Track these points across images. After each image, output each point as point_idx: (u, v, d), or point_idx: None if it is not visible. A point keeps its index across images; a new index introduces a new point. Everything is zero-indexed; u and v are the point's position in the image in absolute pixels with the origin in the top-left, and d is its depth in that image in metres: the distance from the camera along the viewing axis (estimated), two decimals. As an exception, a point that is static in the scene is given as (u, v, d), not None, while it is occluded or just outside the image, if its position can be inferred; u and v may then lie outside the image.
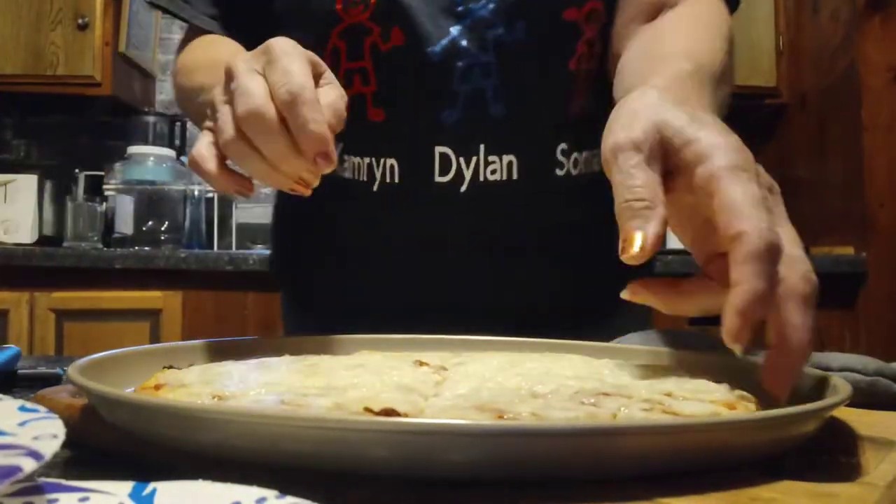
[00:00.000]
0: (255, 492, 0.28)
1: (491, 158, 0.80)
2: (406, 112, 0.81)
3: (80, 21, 2.68)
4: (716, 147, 0.45)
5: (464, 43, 0.78)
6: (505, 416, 0.37)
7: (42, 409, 0.34)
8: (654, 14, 0.78)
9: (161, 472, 0.32)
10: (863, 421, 0.47)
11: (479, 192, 0.80)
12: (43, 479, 0.30)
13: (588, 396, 0.42)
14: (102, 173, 2.83)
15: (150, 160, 2.74)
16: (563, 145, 0.82)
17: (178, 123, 2.96)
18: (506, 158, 0.80)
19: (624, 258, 0.45)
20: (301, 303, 0.98)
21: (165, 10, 0.90)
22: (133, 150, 2.76)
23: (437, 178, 0.80)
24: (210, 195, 2.82)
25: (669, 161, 0.47)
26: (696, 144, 0.46)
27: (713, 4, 0.78)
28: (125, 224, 2.68)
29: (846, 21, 2.58)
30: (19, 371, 0.71)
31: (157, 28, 3.08)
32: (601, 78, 0.82)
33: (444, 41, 0.78)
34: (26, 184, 2.73)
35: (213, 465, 0.34)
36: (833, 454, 0.41)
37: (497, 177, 0.80)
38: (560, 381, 0.47)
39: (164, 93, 3.15)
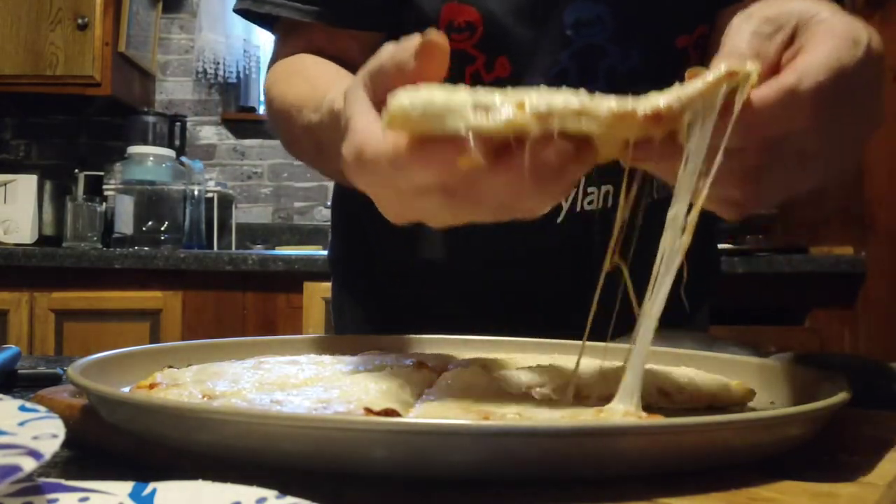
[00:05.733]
0: (255, 492, 0.28)
1: (590, 189, 0.78)
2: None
3: (79, 21, 2.68)
4: (839, 23, 0.43)
5: (573, 72, 0.75)
6: (490, 417, 0.38)
7: (42, 409, 0.34)
8: None
9: (161, 472, 0.32)
10: (863, 421, 0.47)
11: (572, 221, 0.78)
12: (43, 479, 0.30)
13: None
14: (102, 173, 2.83)
15: (149, 160, 2.74)
16: None
17: (178, 123, 2.96)
18: (604, 188, 0.78)
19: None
20: (354, 296, 0.96)
21: (259, 17, 0.80)
22: (133, 150, 2.76)
23: None
24: (210, 195, 2.82)
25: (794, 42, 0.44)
26: (824, 23, 0.43)
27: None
28: (125, 224, 2.68)
29: (846, 21, 2.57)
30: (19, 371, 0.70)
31: (157, 28, 3.08)
32: None
33: (553, 71, 0.75)
34: (26, 184, 2.73)
35: (213, 465, 0.34)
36: (833, 454, 0.41)
37: (593, 207, 0.79)
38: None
39: (164, 92, 3.15)
